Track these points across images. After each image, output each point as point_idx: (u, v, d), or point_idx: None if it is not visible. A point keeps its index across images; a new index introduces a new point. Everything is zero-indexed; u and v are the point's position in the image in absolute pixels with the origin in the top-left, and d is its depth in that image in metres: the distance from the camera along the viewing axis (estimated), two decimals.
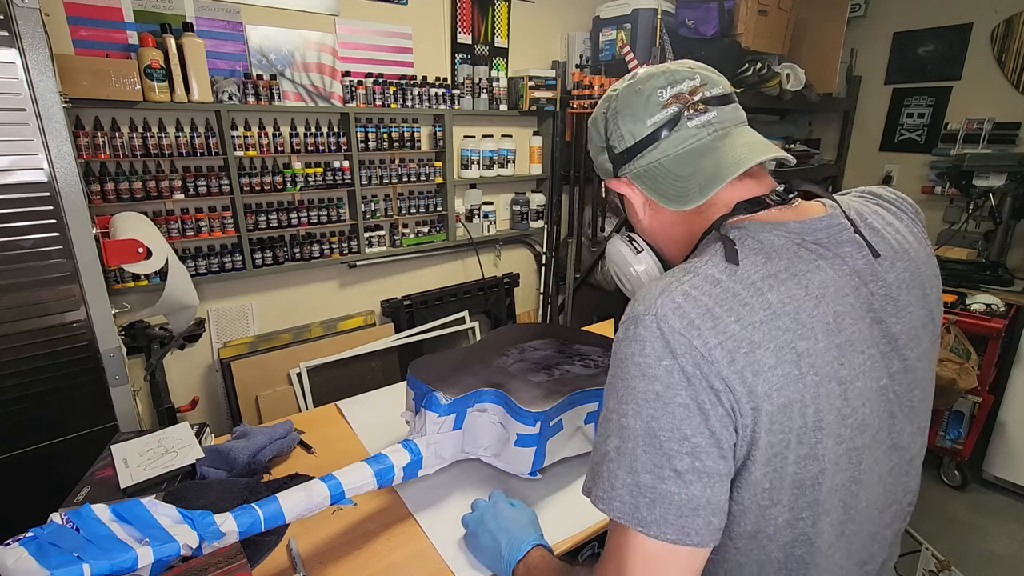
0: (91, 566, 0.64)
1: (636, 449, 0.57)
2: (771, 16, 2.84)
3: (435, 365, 1.15)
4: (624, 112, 0.68)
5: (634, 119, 0.67)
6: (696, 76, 0.67)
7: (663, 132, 0.66)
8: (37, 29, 1.21)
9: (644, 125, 0.67)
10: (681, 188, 0.65)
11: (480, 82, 2.79)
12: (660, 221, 0.73)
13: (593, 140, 0.75)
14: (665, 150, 0.66)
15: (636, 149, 0.68)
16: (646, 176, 0.68)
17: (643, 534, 0.57)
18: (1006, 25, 2.86)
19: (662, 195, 0.67)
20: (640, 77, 0.69)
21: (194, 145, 2.05)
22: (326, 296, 2.65)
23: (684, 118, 0.65)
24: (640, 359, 0.57)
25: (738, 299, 0.57)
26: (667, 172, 0.66)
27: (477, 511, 0.95)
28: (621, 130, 0.69)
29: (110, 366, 1.43)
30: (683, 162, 0.65)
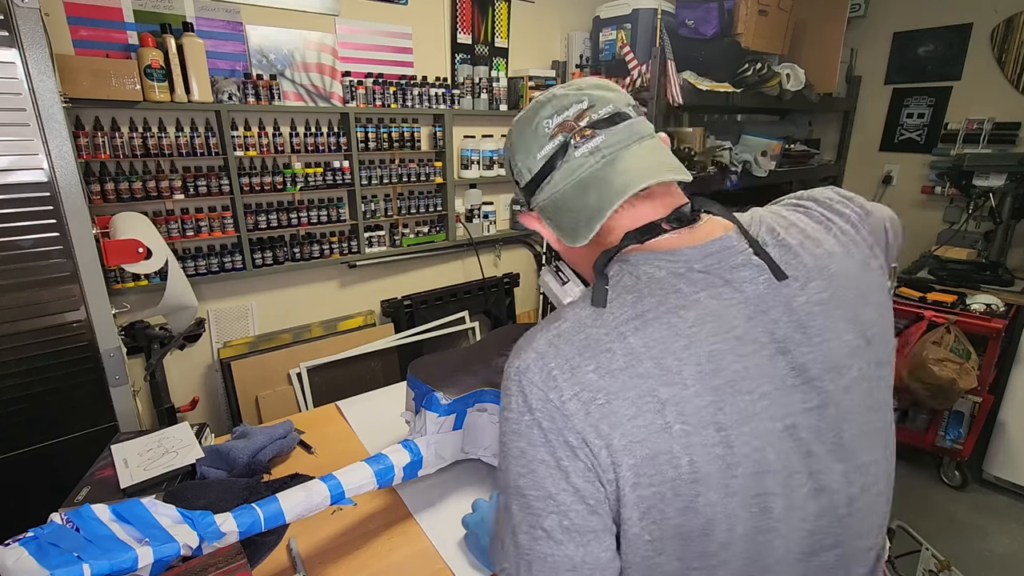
0: (91, 566, 0.64)
1: (512, 507, 0.56)
2: (771, 16, 2.84)
3: (435, 365, 1.15)
4: (519, 145, 0.65)
5: (527, 153, 0.63)
6: (584, 99, 0.61)
7: (556, 163, 0.61)
8: (37, 29, 1.21)
9: (535, 158, 0.62)
10: (573, 223, 0.61)
11: (480, 82, 2.79)
12: (573, 251, 0.69)
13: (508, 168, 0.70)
14: (557, 184, 0.62)
15: (534, 183, 0.64)
16: (548, 210, 0.64)
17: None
18: (1006, 25, 2.86)
19: (561, 230, 0.63)
20: (532, 106, 0.65)
21: (194, 145, 2.05)
22: (326, 296, 2.65)
23: (571, 147, 0.60)
24: (508, 414, 0.56)
25: (600, 345, 0.54)
26: (562, 206, 0.62)
27: (478, 511, 0.95)
28: (519, 164, 0.65)
29: (110, 366, 1.43)
30: (573, 195, 0.61)
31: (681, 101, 2.47)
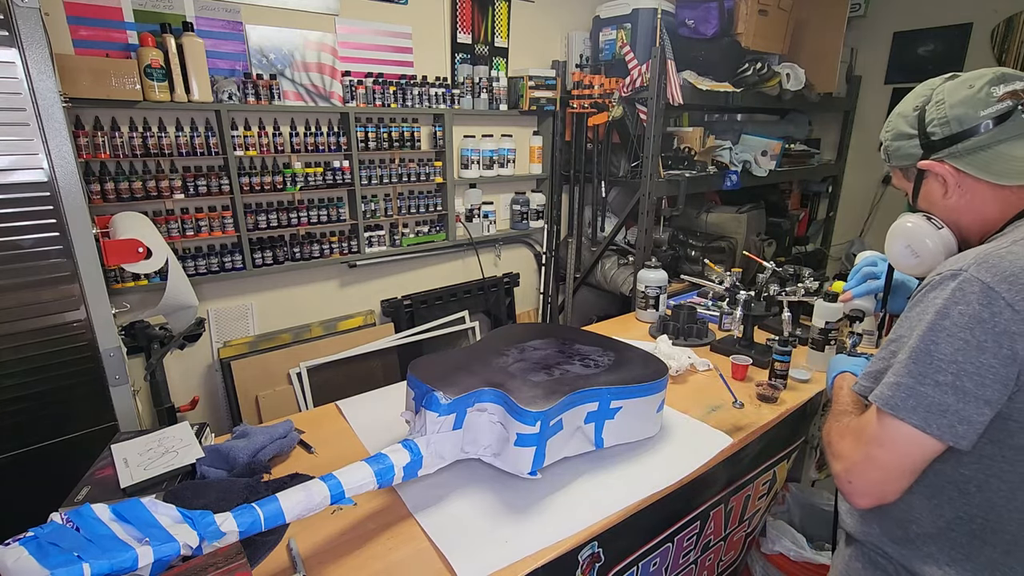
0: (91, 566, 0.64)
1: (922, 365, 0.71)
2: (771, 16, 2.84)
3: (435, 365, 1.15)
4: (953, 103, 0.79)
5: (965, 108, 0.77)
6: (1021, 79, 0.77)
7: (988, 122, 0.76)
8: (37, 29, 1.21)
9: (976, 115, 0.76)
10: (1013, 168, 0.75)
11: (480, 82, 2.79)
12: (970, 201, 0.81)
13: (897, 129, 0.86)
14: (997, 136, 0.76)
15: (963, 135, 0.77)
16: (974, 158, 0.78)
17: None
18: (1006, 25, 2.86)
19: (994, 173, 0.77)
20: (969, 77, 0.80)
21: (194, 145, 2.05)
22: (326, 296, 2.65)
23: (1018, 111, 0.75)
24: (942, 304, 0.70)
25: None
26: (1000, 154, 0.76)
27: None
28: (948, 117, 0.79)
29: (110, 366, 1.43)
30: (1018, 146, 0.75)
31: (681, 101, 2.47)
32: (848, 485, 0.78)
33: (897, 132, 0.87)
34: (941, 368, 0.69)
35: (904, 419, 0.71)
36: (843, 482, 0.79)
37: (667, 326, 1.87)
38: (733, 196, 3.19)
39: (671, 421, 1.36)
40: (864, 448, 0.76)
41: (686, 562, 1.33)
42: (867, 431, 0.77)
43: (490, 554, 0.93)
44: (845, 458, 0.79)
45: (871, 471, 0.76)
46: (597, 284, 3.18)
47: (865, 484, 0.77)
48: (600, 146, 2.90)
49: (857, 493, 0.78)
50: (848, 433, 0.81)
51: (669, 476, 1.15)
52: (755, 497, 1.51)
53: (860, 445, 0.77)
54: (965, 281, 0.69)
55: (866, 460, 0.76)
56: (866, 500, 0.78)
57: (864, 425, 0.78)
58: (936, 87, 0.83)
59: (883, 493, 0.76)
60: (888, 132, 0.89)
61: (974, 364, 0.68)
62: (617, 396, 1.15)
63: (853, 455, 0.78)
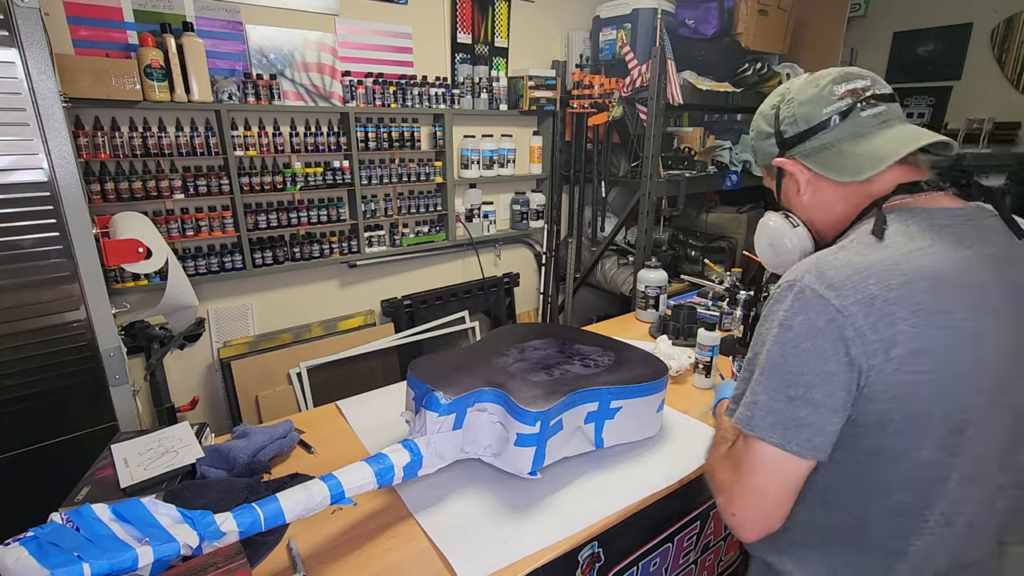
0: (91, 566, 0.64)
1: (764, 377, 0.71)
2: (771, 16, 2.84)
3: (435, 365, 1.15)
4: (801, 101, 0.80)
5: (811, 107, 0.79)
6: (867, 78, 0.79)
7: (835, 119, 0.77)
8: (37, 29, 1.21)
9: (820, 112, 0.78)
10: (854, 164, 0.76)
11: (480, 82, 2.78)
12: (821, 198, 0.82)
13: (759, 128, 0.88)
14: (839, 133, 0.77)
15: (809, 132, 0.79)
16: (818, 155, 0.80)
17: None
18: (1006, 25, 2.86)
19: (835, 170, 0.78)
20: (817, 75, 0.81)
21: (194, 145, 2.05)
22: (326, 296, 2.65)
23: (857, 109, 0.76)
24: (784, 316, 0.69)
25: (877, 267, 0.67)
26: (841, 151, 0.77)
27: None
28: (796, 116, 0.80)
29: (110, 366, 1.43)
30: (857, 142, 0.77)
31: (681, 101, 2.47)
32: (732, 519, 0.75)
33: (758, 131, 0.88)
34: (791, 382, 0.68)
35: (765, 439, 0.69)
36: (727, 515, 0.76)
37: (667, 326, 1.87)
38: (733, 196, 3.19)
39: (671, 421, 1.36)
40: (740, 477, 0.73)
41: (686, 562, 1.33)
42: (740, 459, 0.74)
43: (490, 554, 0.93)
44: (725, 489, 0.77)
45: (749, 500, 0.73)
46: (597, 284, 3.18)
47: (747, 515, 0.74)
48: (600, 146, 2.90)
49: (740, 526, 0.75)
50: (726, 464, 0.79)
51: (669, 476, 1.15)
52: None
53: (736, 473, 0.74)
54: (800, 291, 0.69)
55: (743, 489, 0.73)
56: (752, 532, 0.75)
57: (737, 453, 0.76)
58: (791, 85, 0.84)
59: (767, 522, 0.73)
60: (752, 131, 0.90)
61: (819, 374, 0.66)
62: (617, 396, 1.15)
63: (732, 485, 0.75)
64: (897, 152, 0.73)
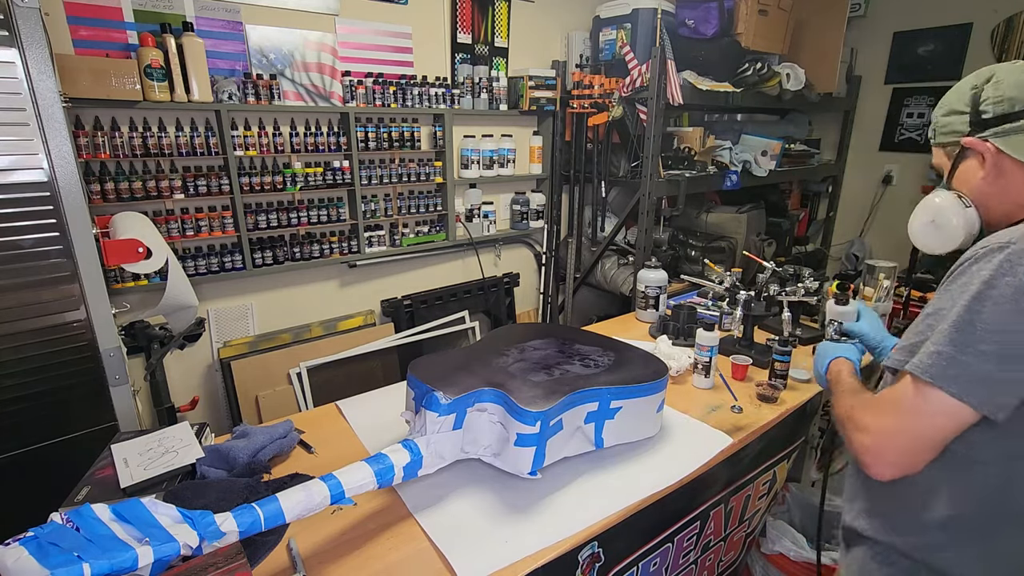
0: (91, 566, 0.64)
1: None
2: (771, 16, 2.84)
3: (435, 365, 1.15)
4: (1012, 83, 0.80)
5: (1021, 90, 0.79)
6: None
7: None
8: (37, 29, 1.21)
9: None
10: None
11: (480, 82, 2.78)
12: (1004, 184, 0.82)
13: (951, 106, 0.87)
14: None
15: (1014, 116, 0.79)
16: (1017, 138, 0.79)
17: None
18: (1006, 25, 2.86)
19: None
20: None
21: (194, 145, 2.05)
22: (326, 296, 2.65)
23: None
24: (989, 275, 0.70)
25: None
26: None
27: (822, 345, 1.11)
28: (1004, 97, 0.80)
29: (110, 366, 1.43)
30: None
31: (681, 101, 2.47)
32: (875, 456, 0.77)
33: (949, 108, 0.88)
34: (985, 338, 0.69)
35: (943, 388, 0.71)
36: (870, 453, 0.78)
37: (667, 326, 1.87)
38: (733, 196, 3.18)
39: (671, 421, 1.36)
40: (897, 418, 0.76)
41: (686, 562, 1.33)
42: (901, 401, 0.76)
43: (490, 554, 0.93)
44: (873, 430, 0.78)
45: (902, 440, 0.75)
46: (597, 284, 3.18)
47: (894, 453, 0.76)
48: (600, 146, 2.90)
49: (884, 463, 0.77)
50: (873, 405, 0.81)
51: (669, 476, 1.15)
52: (755, 497, 1.51)
53: (891, 415, 0.77)
54: (1013, 253, 0.69)
55: (898, 429, 0.76)
56: (892, 470, 0.77)
57: (896, 396, 0.77)
58: (997, 69, 0.84)
59: (911, 463, 0.76)
60: (941, 108, 0.90)
61: (1020, 333, 0.68)
62: (617, 396, 1.15)
63: (884, 424, 0.77)
64: None
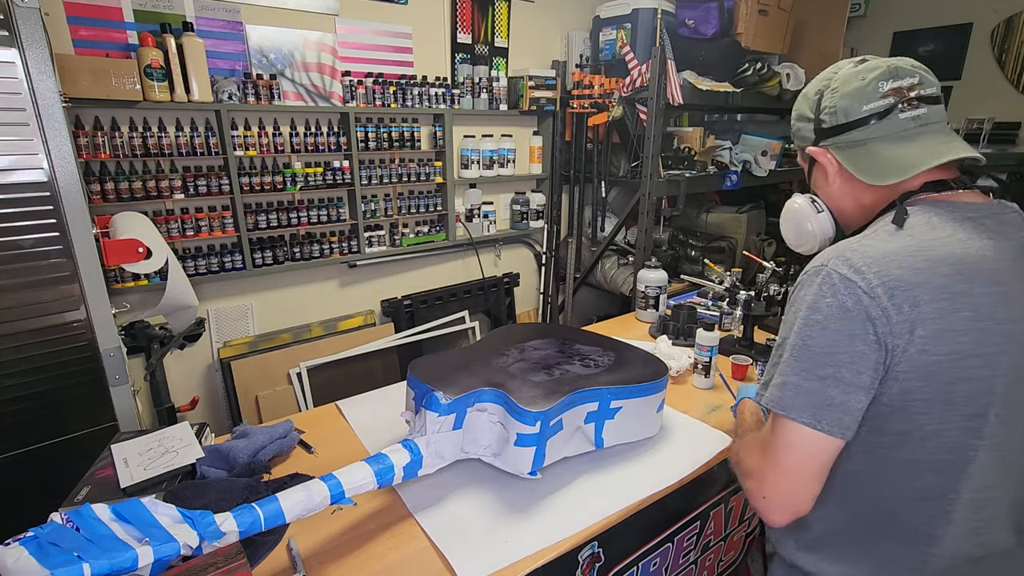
0: (91, 566, 0.64)
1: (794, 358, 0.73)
2: (771, 16, 2.84)
3: (435, 365, 1.15)
4: (843, 93, 0.79)
5: (852, 100, 0.78)
6: (916, 75, 0.76)
7: (873, 119, 0.77)
8: (37, 29, 1.21)
9: (860, 108, 0.77)
10: (881, 167, 0.77)
11: (480, 82, 2.78)
12: (850, 188, 0.83)
13: (801, 111, 0.87)
14: (872, 133, 0.77)
15: (845, 127, 0.79)
16: (851, 151, 0.80)
17: None
18: (1006, 25, 2.86)
19: (860, 170, 0.79)
20: (866, 66, 0.79)
21: (194, 145, 2.05)
22: (326, 296, 2.65)
23: (897, 110, 0.76)
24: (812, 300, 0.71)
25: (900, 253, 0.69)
26: (870, 151, 0.78)
27: None
28: (836, 108, 0.80)
29: (110, 366, 1.43)
30: (891, 145, 0.77)
31: (681, 101, 2.47)
32: (762, 501, 0.76)
33: (799, 113, 0.88)
34: (821, 362, 0.70)
35: (796, 419, 0.71)
36: (756, 499, 0.77)
37: (667, 326, 1.87)
38: (733, 196, 3.18)
39: (671, 421, 1.36)
40: (770, 458, 0.75)
41: (686, 562, 1.33)
42: (767, 439, 0.76)
43: (490, 554, 0.93)
44: (754, 473, 0.78)
45: (780, 480, 0.74)
46: (597, 284, 3.18)
47: (778, 495, 0.75)
48: (600, 146, 2.90)
49: (772, 508, 0.76)
50: (753, 448, 0.81)
51: (669, 476, 1.15)
52: None
53: (765, 455, 0.76)
54: (827, 275, 0.71)
55: (774, 470, 0.75)
56: (782, 515, 0.76)
57: (764, 435, 0.78)
58: (839, 71, 0.82)
59: (797, 504, 0.75)
60: (794, 112, 0.90)
61: (848, 353, 0.68)
62: (617, 396, 1.15)
63: (761, 467, 0.77)
64: (925, 163, 0.74)
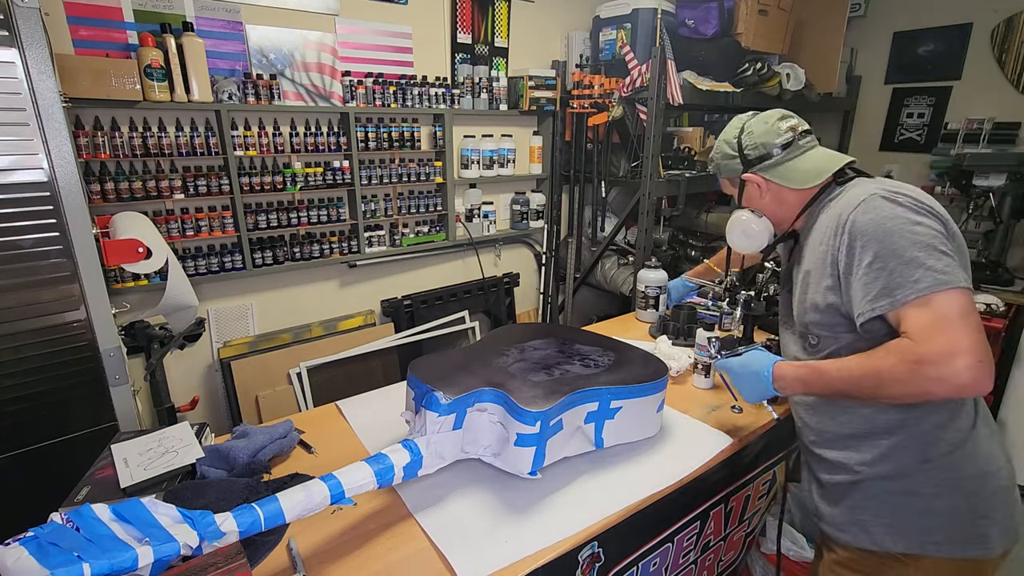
0: (91, 566, 0.64)
1: None
2: (771, 16, 2.84)
3: (435, 365, 1.15)
4: (758, 134, 1.12)
5: (766, 138, 1.11)
6: (795, 117, 1.12)
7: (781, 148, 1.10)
8: (37, 29, 1.21)
9: (773, 142, 1.10)
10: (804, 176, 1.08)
11: (480, 82, 2.78)
12: (778, 197, 1.13)
13: (723, 151, 1.18)
14: (787, 156, 1.10)
15: (767, 156, 1.11)
16: (775, 170, 1.11)
17: None
18: (1006, 25, 2.86)
19: (790, 181, 1.09)
20: (764, 115, 1.14)
21: (194, 145, 2.05)
22: (326, 296, 2.65)
23: (796, 139, 1.10)
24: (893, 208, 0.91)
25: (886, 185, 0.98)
26: (792, 167, 1.10)
27: (728, 362, 1.18)
28: (756, 144, 1.12)
29: (110, 366, 1.43)
30: (802, 160, 1.09)
31: (681, 101, 2.47)
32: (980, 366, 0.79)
33: (724, 154, 1.18)
34: (933, 245, 0.86)
35: (960, 285, 0.83)
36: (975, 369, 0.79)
37: (667, 326, 1.87)
38: None
39: (671, 421, 1.36)
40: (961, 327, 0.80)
41: (686, 562, 1.33)
42: (949, 315, 0.82)
43: (490, 554, 0.93)
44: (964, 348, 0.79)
45: (982, 338, 0.81)
46: (597, 284, 3.18)
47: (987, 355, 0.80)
48: (600, 146, 2.90)
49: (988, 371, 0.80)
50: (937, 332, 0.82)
51: (669, 476, 1.15)
52: (755, 497, 1.51)
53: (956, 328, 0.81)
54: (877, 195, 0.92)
55: (974, 332, 0.81)
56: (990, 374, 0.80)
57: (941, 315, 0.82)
58: (745, 122, 1.15)
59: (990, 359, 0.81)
60: (717, 153, 1.20)
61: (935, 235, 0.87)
62: (617, 396, 1.15)
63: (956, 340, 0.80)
64: (830, 168, 1.06)
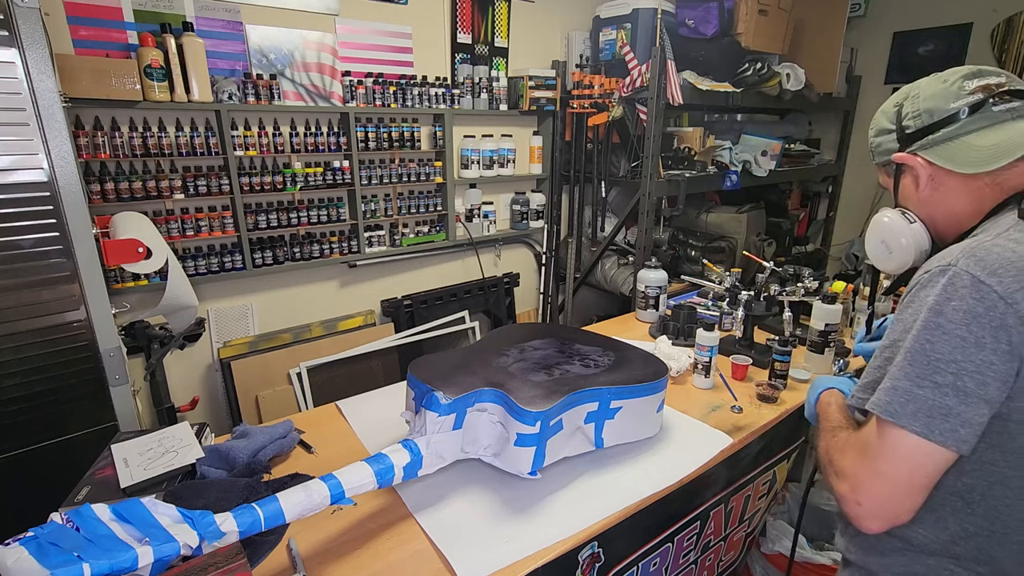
0: (91, 566, 0.64)
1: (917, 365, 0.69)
2: (771, 16, 2.84)
3: (435, 365, 1.15)
4: (927, 96, 0.81)
5: (937, 101, 0.79)
6: (1002, 75, 0.79)
7: (964, 111, 0.76)
8: (37, 29, 1.21)
9: (947, 106, 0.78)
10: (978, 156, 0.75)
11: (480, 82, 2.78)
12: (943, 193, 0.81)
13: (879, 125, 0.88)
14: (967, 127, 0.76)
15: (935, 126, 0.78)
16: (942, 148, 0.78)
17: None
18: (1006, 25, 2.86)
19: (958, 163, 0.77)
20: (946, 72, 0.82)
21: (194, 145, 2.05)
22: (326, 296, 2.65)
23: (988, 104, 0.75)
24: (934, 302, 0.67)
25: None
26: (968, 144, 0.76)
27: None
28: (921, 110, 0.80)
29: (110, 366, 1.43)
30: (985, 134, 0.75)
31: (681, 101, 2.47)
32: (857, 507, 0.71)
33: (879, 128, 0.89)
34: (939, 368, 0.65)
35: (905, 427, 0.66)
36: (850, 504, 0.72)
37: (667, 326, 1.87)
38: (733, 196, 3.18)
39: (671, 421, 1.36)
40: (869, 463, 0.70)
41: (686, 562, 1.33)
42: (870, 444, 0.71)
43: (490, 554, 0.93)
44: (849, 476, 0.73)
45: (881, 488, 0.69)
46: (597, 284, 3.18)
47: (875, 504, 0.70)
48: (600, 146, 2.90)
49: (867, 516, 0.71)
50: (848, 448, 0.75)
51: (669, 476, 1.15)
52: (755, 497, 1.51)
53: (864, 460, 0.71)
54: (955, 276, 0.67)
55: (874, 476, 0.70)
56: (877, 523, 0.71)
57: (865, 438, 0.72)
58: (918, 84, 0.84)
59: (896, 513, 0.70)
60: (872, 129, 0.91)
61: (974, 362, 0.64)
62: (617, 396, 1.15)
63: (858, 472, 0.71)
64: (1017, 150, 0.71)
